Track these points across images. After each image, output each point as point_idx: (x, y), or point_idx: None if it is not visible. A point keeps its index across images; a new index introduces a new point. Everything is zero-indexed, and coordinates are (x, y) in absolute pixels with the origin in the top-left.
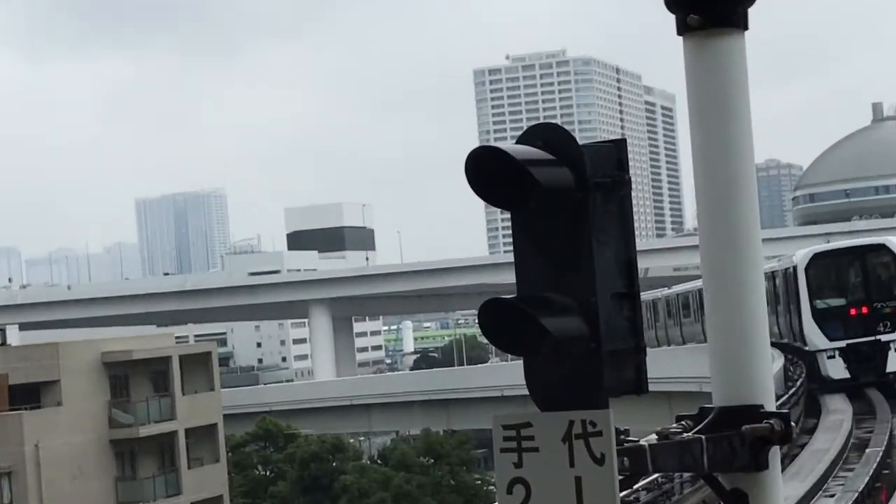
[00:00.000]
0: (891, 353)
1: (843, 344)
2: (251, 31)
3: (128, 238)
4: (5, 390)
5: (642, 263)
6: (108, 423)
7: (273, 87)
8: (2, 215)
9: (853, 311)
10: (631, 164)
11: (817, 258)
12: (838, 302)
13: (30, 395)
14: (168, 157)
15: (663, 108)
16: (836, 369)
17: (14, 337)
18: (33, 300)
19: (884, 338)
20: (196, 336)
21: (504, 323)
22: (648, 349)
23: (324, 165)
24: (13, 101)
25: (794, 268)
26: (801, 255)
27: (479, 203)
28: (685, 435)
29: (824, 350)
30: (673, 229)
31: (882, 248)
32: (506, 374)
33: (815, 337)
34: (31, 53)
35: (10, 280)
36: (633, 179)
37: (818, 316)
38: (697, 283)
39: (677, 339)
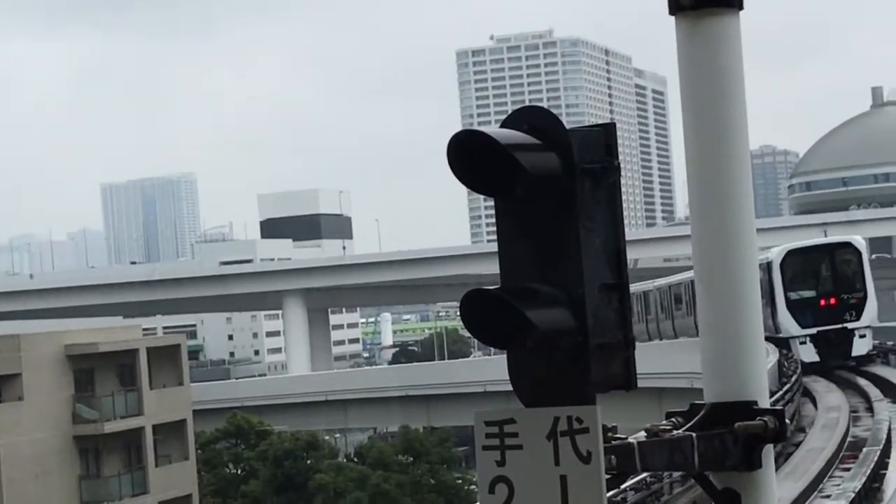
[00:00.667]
0: (855, 340)
1: (813, 331)
2: (228, 9)
3: (93, 225)
4: None
5: (631, 254)
6: (71, 419)
7: (248, 69)
8: None
9: (822, 302)
10: (620, 149)
11: (790, 254)
12: (809, 294)
13: None
14: (136, 140)
15: (654, 91)
16: (808, 353)
17: None
18: None
19: (850, 325)
20: (164, 328)
21: (487, 315)
22: (638, 343)
23: (299, 150)
24: None
25: (770, 263)
26: (776, 251)
27: (462, 190)
28: (675, 432)
29: (797, 336)
30: (663, 218)
31: (848, 246)
32: (489, 368)
33: (788, 325)
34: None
35: None
36: (622, 166)
37: (791, 306)
38: (690, 274)
39: (669, 334)
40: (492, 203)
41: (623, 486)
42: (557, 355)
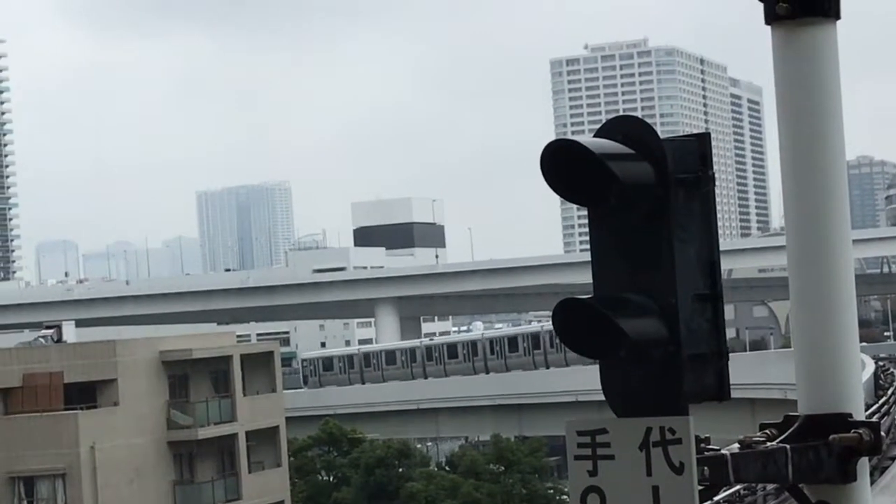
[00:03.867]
0: None
1: None
2: (325, 16)
3: (188, 232)
4: (60, 389)
5: (726, 264)
6: (166, 425)
7: (345, 77)
8: (59, 207)
9: None
10: (715, 159)
11: None
12: None
13: (86, 395)
14: (232, 147)
15: (750, 101)
16: None
17: (70, 334)
18: (90, 296)
19: None
20: (258, 335)
21: (580, 324)
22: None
23: (393, 159)
24: (78, 83)
25: None
26: None
27: (555, 199)
28: (769, 444)
29: None
30: (758, 228)
31: None
32: (581, 378)
33: None
34: (98, 31)
35: (66, 274)
36: (716, 175)
37: None
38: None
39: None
40: (585, 212)
41: (716, 499)
42: (650, 365)
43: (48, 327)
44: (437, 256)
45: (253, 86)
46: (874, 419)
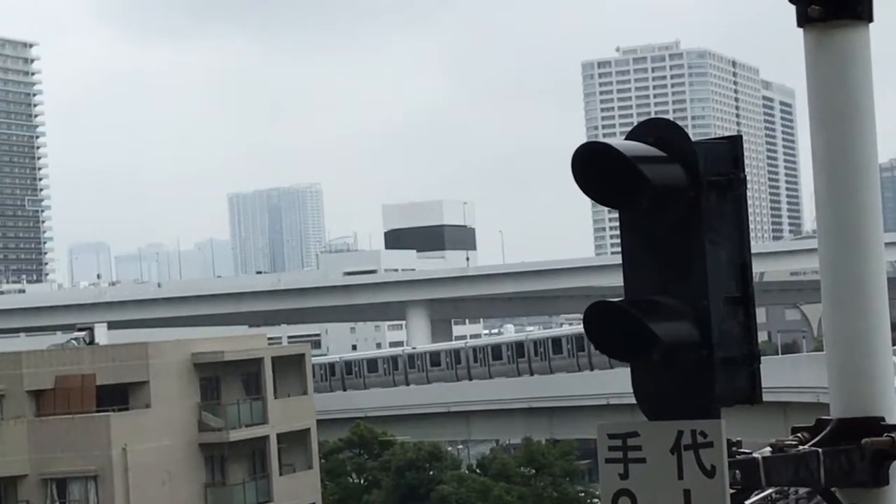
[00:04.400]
0: None
1: None
2: (358, 18)
3: (220, 234)
4: (93, 391)
5: (757, 267)
6: (197, 427)
7: (376, 79)
8: (91, 209)
9: None
10: (747, 162)
11: None
12: None
13: (118, 397)
14: (264, 150)
15: (782, 103)
16: None
17: (102, 336)
18: (122, 298)
19: None
20: (289, 337)
21: (611, 327)
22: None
23: (424, 161)
24: (111, 86)
25: None
26: None
27: (587, 201)
28: (801, 448)
29: None
30: (790, 231)
31: None
32: (612, 381)
33: None
34: (133, 34)
35: (98, 276)
36: (748, 178)
37: None
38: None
39: None
40: (616, 215)
41: (747, 502)
42: (681, 368)
43: (80, 329)
44: (467, 259)
45: (284, 88)
46: None
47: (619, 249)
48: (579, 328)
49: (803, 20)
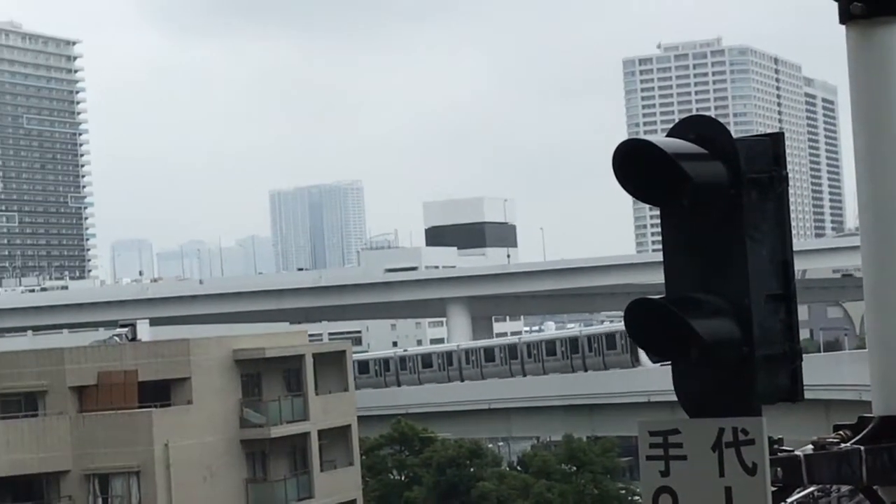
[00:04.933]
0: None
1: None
2: (399, 14)
3: (261, 231)
4: (135, 387)
5: (799, 264)
6: (239, 423)
7: (417, 75)
8: (133, 207)
9: None
10: (788, 159)
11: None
12: None
13: (160, 393)
14: (305, 146)
15: (824, 100)
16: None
17: (144, 332)
18: (164, 294)
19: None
20: (330, 334)
21: (652, 325)
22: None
23: (465, 158)
24: (153, 83)
25: None
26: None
27: (627, 198)
28: (843, 445)
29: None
30: (833, 229)
31: None
32: (653, 378)
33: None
34: (175, 31)
35: (140, 273)
36: (790, 175)
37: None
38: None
39: None
40: (657, 212)
41: (789, 500)
42: (723, 366)
43: (123, 326)
44: (508, 256)
45: (326, 85)
46: None
47: (660, 247)
48: (572, 331)
49: (846, 17)
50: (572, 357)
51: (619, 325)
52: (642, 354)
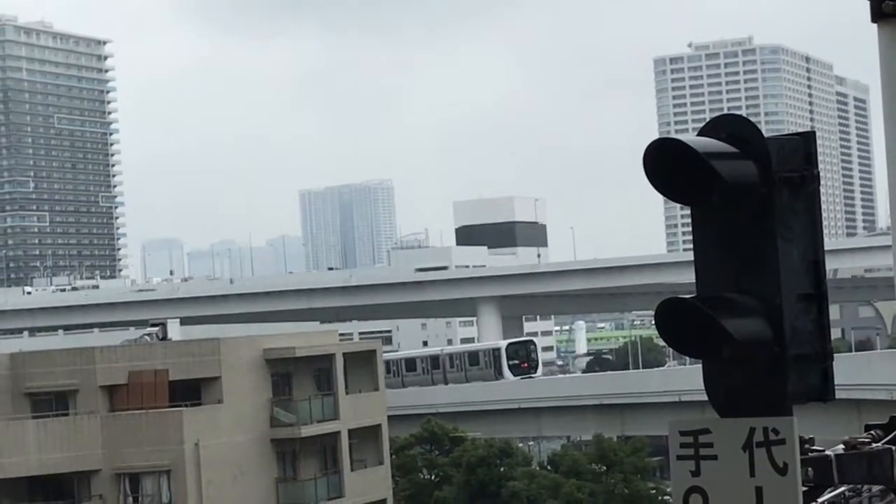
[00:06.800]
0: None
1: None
2: (430, 14)
3: (292, 231)
4: (165, 386)
5: (831, 264)
6: (269, 423)
7: (448, 75)
8: (164, 206)
9: (523, 365)
10: (820, 158)
11: (510, 345)
12: (514, 361)
13: (190, 392)
14: (335, 145)
15: (856, 99)
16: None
17: (175, 332)
18: (195, 294)
19: (534, 375)
20: (360, 333)
21: (683, 324)
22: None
23: (496, 157)
24: (183, 83)
25: (499, 348)
26: (502, 342)
27: (658, 198)
28: (874, 445)
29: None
30: (864, 228)
31: (530, 342)
32: (683, 378)
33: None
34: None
35: (171, 273)
36: (822, 174)
37: (510, 363)
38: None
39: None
40: (688, 211)
41: (820, 500)
42: (754, 366)
43: (153, 325)
44: (538, 256)
45: (357, 84)
46: None
47: (691, 246)
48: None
49: (877, 16)
50: (433, 373)
51: (482, 345)
52: (505, 369)
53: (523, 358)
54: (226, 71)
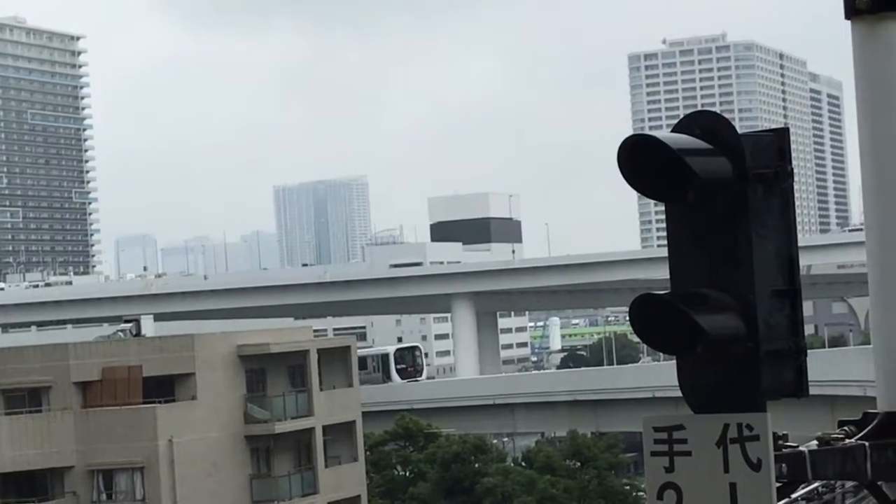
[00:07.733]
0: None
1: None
2: (407, 11)
3: (266, 227)
4: (139, 383)
5: (804, 260)
6: (243, 419)
7: (423, 72)
8: (138, 202)
9: (410, 369)
10: (794, 154)
11: (398, 350)
12: (402, 366)
13: (164, 388)
14: (312, 142)
15: (829, 96)
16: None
17: (149, 328)
18: (169, 290)
19: (419, 379)
20: (335, 329)
21: (657, 320)
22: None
23: (470, 153)
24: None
25: (388, 354)
26: (391, 348)
27: (633, 194)
28: (848, 441)
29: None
30: (838, 224)
31: (416, 348)
32: (658, 374)
33: (395, 377)
34: (183, 25)
35: (144, 269)
36: (795, 171)
37: (397, 368)
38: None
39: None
40: (662, 208)
41: (794, 496)
42: (727, 361)
43: (127, 321)
44: (513, 252)
45: (331, 80)
46: None
47: (665, 242)
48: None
49: (851, 12)
50: None
51: (371, 350)
52: (394, 373)
53: (410, 363)
54: (202, 66)
